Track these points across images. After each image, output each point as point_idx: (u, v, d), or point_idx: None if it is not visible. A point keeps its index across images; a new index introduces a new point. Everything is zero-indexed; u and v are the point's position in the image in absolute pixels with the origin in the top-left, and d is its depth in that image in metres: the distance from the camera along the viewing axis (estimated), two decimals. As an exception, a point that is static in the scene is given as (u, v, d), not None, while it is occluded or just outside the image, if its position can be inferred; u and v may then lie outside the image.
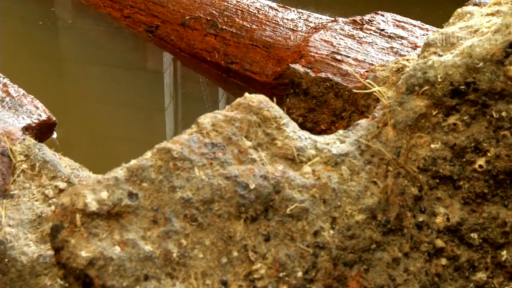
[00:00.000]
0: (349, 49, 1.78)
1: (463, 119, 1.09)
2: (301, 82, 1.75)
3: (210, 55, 2.07)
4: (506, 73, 1.05)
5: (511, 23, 1.06)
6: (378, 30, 1.84)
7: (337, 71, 1.72)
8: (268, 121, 1.04)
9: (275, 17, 2.03)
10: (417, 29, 1.84)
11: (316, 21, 1.98)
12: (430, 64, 1.10)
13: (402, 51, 1.74)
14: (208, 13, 2.14)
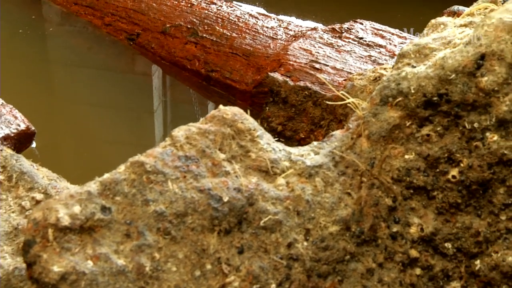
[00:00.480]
0: (328, 57, 1.79)
1: (437, 130, 1.10)
2: (280, 90, 1.76)
3: (190, 63, 2.07)
4: (478, 84, 1.06)
5: (482, 35, 1.07)
6: (356, 38, 1.85)
7: (315, 79, 1.73)
8: (242, 134, 1.04)
9: (255, 25, 2.04)
10: (395, 37, 1.85)
11: (295, 29, 1.99)
12: (404, 76, 1.11)
13: (380, 59, 1.75)
14: (188, 21, 2.15)
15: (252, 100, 1.89)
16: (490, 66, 1.06)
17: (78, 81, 2.44)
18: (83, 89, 2.42)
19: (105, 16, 2.34)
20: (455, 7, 1.86)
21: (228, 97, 2.00)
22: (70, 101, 2.39)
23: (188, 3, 2.22)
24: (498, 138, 1.07)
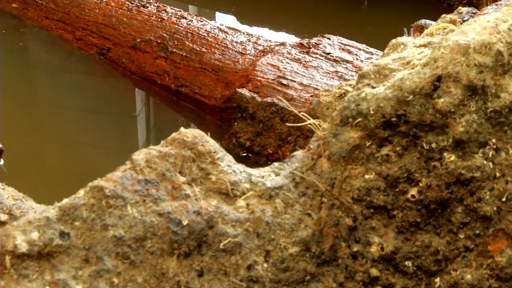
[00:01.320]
0: (295, 73, 1.80)
1: (396, 150, 1.11)
2: (248, 106, 1.77)
3: (160, 78, 2.08)
4: (435, 106, 1.08)
5: (439, 57, 1.09)
6: (324, 53, 1.86)
7: (282, 95, 1.75)
8: (202, 156, 1.05)
9: (224, 40, 2.05)
10: (362, 53, 1.87)
11: (264, 44, 2.01)
12: (363, 96, 1.12)
13: (347, 75, 1.77)
14: (158, 36, 2.15)
15: (221, 115, 1.90)
16: (446, 88, 1.08)
17: (58, 85, 2.44)
18: (62, 93, 2.42)
19: (76, 31, 2.35)
20: (422, 21, 1.88)
21: (197, 112, 2.00)
22: (52, 105, 2.39)
23: (158, 18, 2.23)
24: (455, 158, 1.09)
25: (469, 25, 1.13)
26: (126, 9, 2.32)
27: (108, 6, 2.35)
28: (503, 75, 1.10)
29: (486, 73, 1.08)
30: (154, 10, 2.27)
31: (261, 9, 3.16)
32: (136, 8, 2.31)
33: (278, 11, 3.10)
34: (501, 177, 1.10)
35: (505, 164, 1.11)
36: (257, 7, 3.18)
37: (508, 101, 1.10)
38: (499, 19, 1.15)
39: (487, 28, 1.11)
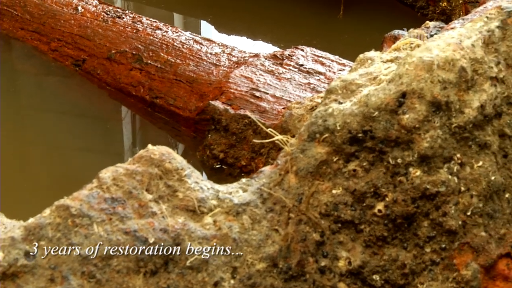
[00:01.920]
0: (268, 85, 1.81)
1: (363, 165, 1.12)
2: (221, 119, 1.78)
3: (135, 90, 2.08)
4: (400, 122, 1.09)
5: (403, 73, 1.10)
6: (297, 65, 1.87)
7: (255, 108, 1.75)
8: (170, 173, 1.06)
9: (199, 51, 2.06)
10: (335, 64, 1.89)
11: (239, 55, 2.01)
12: (330, 112, 1.14)
13: (319, 87, 1.78)
14: (133, 47, 2.16)
15: (195, 127, 1.91)
16: (411, 104, 1.09)
17: (41, 90, 2.43)
18: (46, 97, 2.41)
19: (52, 42, 2.34)
20: (395, 32, 1.89)
21: (172, 123, 2.01)
22: (36, 109, 2.38)
23: (133, 29, 2.23)
24: (421, 173, 1.10)
25: (434, 41, 1.15)
26: (102, 20, 2.32)
27: (83, 17, 2.35)
28: (467, 91, 1.12)
29: (450, 89, 1.10)
30: (130, 21, 2.28)
31: (239, 18, 3.17)
32: (111, 19, 2.31)
33: (256, 20, 3.11)
34: (466, 191, 1.12)
35: (470, 178, 1.12)
36: (235, 16, 3.19)
37: (472, 117, 1.11)
38: (463, 35, 1.16)
39: (451, 44, 1.12)
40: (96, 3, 2.44)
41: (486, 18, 1.19)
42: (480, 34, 1.16)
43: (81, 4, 2.42)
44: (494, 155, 1.15)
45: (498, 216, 1.15)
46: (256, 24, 3.12)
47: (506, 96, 1.16)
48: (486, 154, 1.14)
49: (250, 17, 3.13)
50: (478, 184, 1.12)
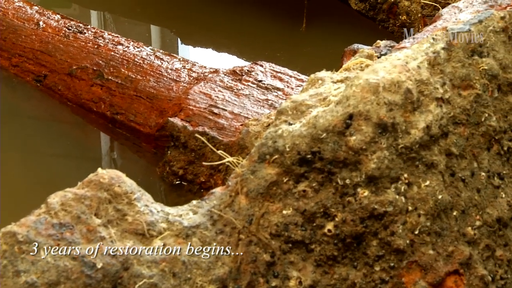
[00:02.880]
0: (227, 102, 1.82)
1: (312, 186, 1.14)
2: (180, 136, 1.78)
3: (96, 106, 2.08)
4: (347, 143, 1.11)
5: (350, 95, 1.12)
6: (256, 81, 1.89)
7: (213, 125, 1.76)
8: (119, 197, 1.06)
9: (159, 67, 2.06)
10: (293, 80, 1.90)
11: (199, 71, 2.02)
12: (280, 134, 1.15)
13: (277, 103, 1.79)
14: (94, 63, 2.16)
15: (156, 143, 1.91)
16: (357, 126, 1.11)
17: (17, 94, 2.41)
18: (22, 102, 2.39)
19: (13, 57, 2.34)
20: (354, 46, 1.91)
21: (133, 139, 2.01)
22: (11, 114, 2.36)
23: (95, 44, 2.23)
24: (369, 193, 1.12)
25: (380, 63, 1.16)
26: (63, 36, 2.31)
27: (45, 33, 2.35)
28: (413, 112, 1.13)
29: (396, 110, 1.12)
30: (91, 36, 2.27)
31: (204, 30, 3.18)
32: (73, 34, 2.31)
33: (220, 33, 3.12)
34: (414, 210, 1.14)
35: (417, 198, 1.14)
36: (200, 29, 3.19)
37: (418, 137, 1.13)
38: (409, 56, 1.18)
39: (397, 66, 1.14)
40: (58, 18, 2.44)
41: (433, 39, 1.21)
42: (426, 56, 1.18)
43: (43, 19, 2.42)
44: (441, 174, 1.17)
45: (446, 234, 1.17)
46: (221, 36, 3.13)
47: (452, 116, 1.18)
48: (433, 174, 1.16)
49: (215, 29, 3.14)
50: (426, 203, 1.14)
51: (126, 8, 3.35)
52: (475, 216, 1.21)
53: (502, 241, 1.24)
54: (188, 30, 3.24)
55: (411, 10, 2.39)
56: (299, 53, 2.89)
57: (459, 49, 1.21)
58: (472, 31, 1.22)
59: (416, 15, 2.38)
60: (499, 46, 1.25)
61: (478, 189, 1.23)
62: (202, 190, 1.78)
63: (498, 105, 1.25)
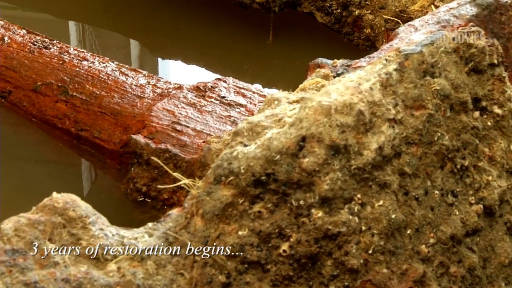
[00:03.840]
0: (190, 118, 1.83)
1: (267, 207, 1.15)
2: (143, 153, 1.79)
3: (61, 122, 2.08)
4: (301, 165, 1.12)
5: (303, 117, 1.14)
6: (219, 97, 1.90)
7: (176, 142, 1.77)
8: (73, 221, 1.07)
9: (124, 83, 2.07)
10: (256, 96, 1.92)
11: (163, 87, 2.03)
12: (235, 155, 1.16)
13: (239, 119, 1.81)
14: (59, 79, 2.16)
15: (120, 160, 1.92)
16: (310, 148, 1.12)
17: None
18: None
19: (-23, 73, 2.33)
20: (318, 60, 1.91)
21: (98, 155, 2.01)
22: None
23: (60, 60, 2.23)
24: (323, 214, 1.14)
25: (334, 84, 1.18)
26: (28, 51, 2.31)
27: (9, 48, 2.34)
28: (365, 133, 1.15)
29: (348, 132, 1.13)
30: (57, 52, 2.27)
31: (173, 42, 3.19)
32: (38, 50, 2.30)
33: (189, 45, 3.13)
34: (367, 230, 1.15)
35: (371, 217, 1.16)
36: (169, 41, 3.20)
37: (371, 158, 1.15)
38: (362, 78, 1.20)
39: (350, 88, 1.16)
40: (23, 33, 2.43)
41: (385, 60, 1.23)
42: (378, 77, 1.20)
43: (8, 34, 2.41)
44: (395, 194, 1.19)
45: (400, 252, 1.19)
46: (189, 48, 3.14)
47: (404, 136, 1.20)
48: (387, 193, 1.18)
49: (183, 42, 3.15)
50: (379, 223, 1.16)
51: (96, 18, 3.36)
52: (429, 234, 1.23)
53: (456, 258, 1.26)
54: (157, 42, 3.24)
55: (375, 24, 2.42)
56: (266, 65, 2.91)
57: (411, 70, 1.23)
58: (424, 52, 1.24)
59: (380, 28, 2.41)
60: (451, 66, 1.27)
61: (432, 207, 1.24)
62: (166, 206, 1.79)
63: (451, 124, 1.27)
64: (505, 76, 1.35)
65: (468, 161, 1.29)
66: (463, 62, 1.29)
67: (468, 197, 1.30)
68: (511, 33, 1.39)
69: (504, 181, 1.34)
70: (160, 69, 3.25)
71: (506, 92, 1.35)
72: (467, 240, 1.28)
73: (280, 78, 2.87)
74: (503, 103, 1.35)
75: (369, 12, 2.44)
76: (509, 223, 1.35)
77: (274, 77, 2.87)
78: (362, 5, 2.45)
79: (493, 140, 1.33)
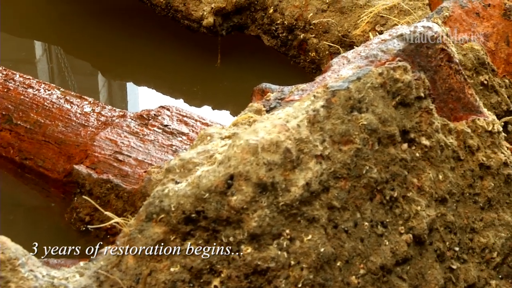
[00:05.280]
0: (132, 148, 1.84)
1: (198, 243, 1.17)
2: (85, 183, 1.80)
3: (5, 151, 2.08)
4: (229, 203, 1.15)
5: (231, 155, 1.16)
6: (161, 126, 1.92)
7: (118, 172, 1.78)
8: (2, 264, 1.08)
9: (68, 111, 2.07)
10: (198, 124, 1.94)
11: (108, 115, 2.04)
12: (166, 193, 1.18)
13: (181, 148, 1.83)
14: (4, 107, 2.15)
15: (64, 189, 1.92)
16: (238, 186, 1.15)
17: None
18: None
19: None
20: (263, 85, 1.94)
21: (43, 184, 2.01)
22: None
23: (5, 88, 2.22)
24: (252, 250, 1.16)
25: (262, 122, 1.21)
26: (-28, 79, 2.30)
27: (-46, 76, 2.33)
28: (293, 170, 1.18)
29: (275, 170, 1.16)
30: (1, 79, 2.27)
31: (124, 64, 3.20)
32: (-18, 77, 2.30)
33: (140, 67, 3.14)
34: (296, 264, 1.18)
35: (300, 252, 1.18)
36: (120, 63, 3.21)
37: (298, 194, 1.18)
38: (290, 115, 1.23)
39: (277, 126, 1.18)
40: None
41: (314, 96, 1.26)
42: (306, 114, 1.23)
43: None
44: (324, 228, 1.21)
45: (330, 285, 1.21)
46: (139, 72, 3.15)
47: (332, 171, 1.23)
48: (315, 228, 1.20)
49: (134, 64, 3.17)
50: (308, 257, 1.19)
51: (47, 36, 3.38)
52: (359, 265, 1.26)
53: (386, 287, 1.30)
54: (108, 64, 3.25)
55: (319, 48, 2.46)
56: (215, 87, 2.94)
57: (338, 106, 1.26)
58: (351, 89, 1.27)
59: (324, 52, 2.45)
60: (378, 101, 1.30)
61: (361, 239, 1.27)
62: (109, 236, 1.79)
63: (379, 157, 1.31)
64: (432, 108, 1.39)
65: (397, 192, 1.33)
66: (390, 96, 1.32)
67: (398, 227, 1.33)
68: (438, 66, 1.43)
69: (433, 210, 1.37)
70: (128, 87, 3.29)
71: (434, 123, 1.39)
72: (397, 269, 1.32)
73: (230, 100, 2.90)
74: (431, 134, 1.38)
75: (314, 36, 2.48)
76: (439, 251, 1.39)
77: (223, 99, 2.90)
78: (307, 29, 2.49)
79: (421, 171, 1.37)
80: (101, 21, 3.34)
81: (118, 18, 3.34)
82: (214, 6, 2.67)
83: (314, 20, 2.45)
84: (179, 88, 2.97)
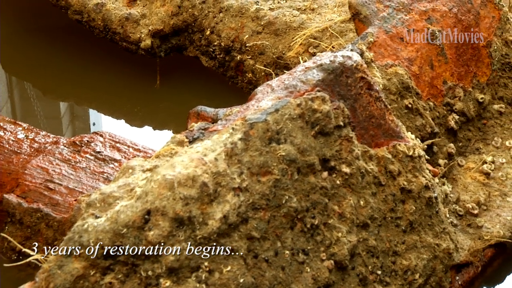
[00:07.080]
0: (63, 176, 1.84)
1: (118, 278, 1.18)
2: (15, 212, 1.79)
3: None
4: (147, 238, 1.16)
5: (149, 191, 1.17)
6: (94, 152, 1.92)
7: (48, 201, 1.78)
8: None
9: (1, 138, 2.06)
10: (131, 150, 1.94)
11: (41, 141, 2.03)
12: (85, 228, 1.19)
13: (112, 176, 1.83)
14: None
15: (-5, 217, 1.91)
16: (155, 221, 1.16)
17: None
18: None
19: None
20: (199, 108, 1.95)
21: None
22: None
23: None
24: (171, 283, 1.17)
25: (180, 156, 1.23)
26: None
27: None
28: (210, 203, 1.20)
29: (192, 204, 1.18)
30: None
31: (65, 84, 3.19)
32: None
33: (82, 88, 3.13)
34: (215, 296, 1.20)
35: (219, 283, 1.20)
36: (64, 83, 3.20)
37: (216, 227, 1.20)
38: (208, 149, 1.25)
39: (194, 160, 1.20)
40: None
41: (232, 129, 1.28)
42: (224, 147, 1.25)
43: None
44: (243, 258, 1.24)
45: (250, 314, 1.23)
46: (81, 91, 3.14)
47: (251, 202, 1.26)
48: (234, 259, 1.23)
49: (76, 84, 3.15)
50: (227, 288, 1.21)
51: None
52: (280, 293, 1.29)
53: (308, 314, 1.32)
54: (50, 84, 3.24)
55: (256, 69, 2.48)
56: (155, 108, 2.94)
57: (256, 139, 1.28)
58: (269, 121, 1.30)
59: (260, 73, 2.48)
60: (297, 131, 1.33)
61: (282, 267, 1.30)
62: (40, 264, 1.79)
63: (299, 186, 1.33)
64: (352, 136, 1.43)
65: (318, 220, 1.35)
66: (309, 126, 1.35)
67: (320, 254, 1.36)
68: (358, 94, 1.46)
69: (354, 235, 1.40)
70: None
71: (354, 151, 1.42)
72: (319, 296, 1.34)
73: (171, 120, 2.91)
74: (351, 162, 1.42)
75: (250, 57, 2.50)
76: (361, 275, 1.42)
77: (163, 119, 2.91)
78: (243, 50, 2.52)
79: (342, 198, 1.40)
80: (41, 39, 3.33)
81: (59, 37, 3.33)
82: (152, 29, 2.68)
83: (250, 42, 2.48)
84: (120, 108, 2.96)
